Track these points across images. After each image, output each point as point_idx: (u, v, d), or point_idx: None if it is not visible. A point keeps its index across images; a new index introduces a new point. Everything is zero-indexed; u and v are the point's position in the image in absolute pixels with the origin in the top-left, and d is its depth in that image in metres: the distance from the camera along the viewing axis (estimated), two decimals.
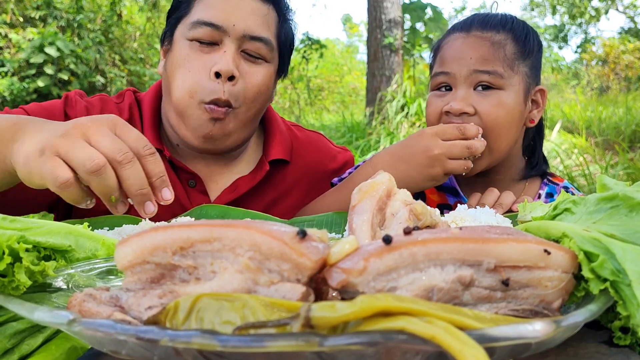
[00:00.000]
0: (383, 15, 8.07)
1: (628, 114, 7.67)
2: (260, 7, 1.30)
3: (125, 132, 0.84)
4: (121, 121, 0.85)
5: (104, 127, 0.82)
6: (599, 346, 0.54)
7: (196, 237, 0.48)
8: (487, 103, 1.28)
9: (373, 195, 0.67)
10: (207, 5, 1.27)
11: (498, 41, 1.31)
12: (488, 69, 1.28)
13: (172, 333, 0.39)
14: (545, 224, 0.63)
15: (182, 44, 1.27)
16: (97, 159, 0.78)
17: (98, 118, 0.84)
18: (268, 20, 1.31)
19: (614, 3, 18.13)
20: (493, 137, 1.29)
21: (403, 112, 7.69)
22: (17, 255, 0.54)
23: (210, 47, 1.26)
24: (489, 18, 1.36)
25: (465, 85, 1.30)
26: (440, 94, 1.35)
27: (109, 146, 0.79)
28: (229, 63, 1.23)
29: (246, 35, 1.26)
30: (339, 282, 0.46)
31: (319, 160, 1.55)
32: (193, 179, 1.39)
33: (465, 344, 0.37)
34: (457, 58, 1.31)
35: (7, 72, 9.55)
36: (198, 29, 1.25)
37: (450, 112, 1.29)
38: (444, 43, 1.39)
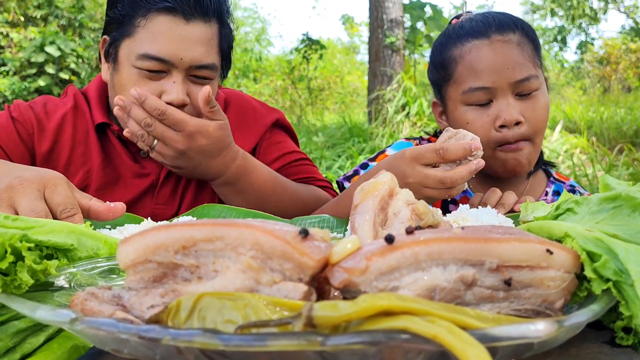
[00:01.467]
0: (385, 15, 8.07)
1: (630, 114, 7.66)
2: (205, 32, 1.31)
3: (53, 193, 0.91)
4: (55, 182, 0.92)
5: (30, 189, 0.89)
6: (601, 346, 0.54)
7: (198, 236, 0.48)
8: (530, 108, 1.30)
9: (375, 194, 0.67)
10: (153, 35, 1.27)
11: (519, 41, 1.31)
12: (526, 75, 1.29)
13: (174, 332, 0.39)
14: (547, 223, 0.63)
15: (129, 69, 1.29)
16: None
17: (31, 179, 0.91)
18: (212, 42, 1.33)
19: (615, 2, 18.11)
20: (540, 136, 1.33)
21: (404, 112, 7.69)
22: (20, 254, 0.54)
23: (159, 75, 1.29)
24: (500, 20, 1.35)
25: (508, 95, 1.30)
26: (482, 107, 1.33)
27: (23, 208, 0.87)
28: (180, 94, 1.27)
29: (193, 66, 1.30)
30: (341, 282, 0.46)
31: (248, 107, 1.62)
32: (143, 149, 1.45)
33: (467, 344, 0.37)
34: (494, 70, 1.29)
35: (9, 72, 9.56)
36: (145, 62, 1.27)
37: (505, 125, 1.29)
38: (463, 53, 1.35)
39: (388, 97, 7.92)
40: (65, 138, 1.39)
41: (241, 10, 20.92)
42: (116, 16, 1.33)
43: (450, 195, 1.08)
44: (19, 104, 1.42)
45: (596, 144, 6.61)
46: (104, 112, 1.43)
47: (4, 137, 1.34)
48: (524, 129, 1.29)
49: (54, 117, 1.41)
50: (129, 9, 1.30)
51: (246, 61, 15.01)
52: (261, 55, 16.19)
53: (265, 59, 16.83)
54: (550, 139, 6.78)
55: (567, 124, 7.91)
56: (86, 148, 1.41)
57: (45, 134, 1.38)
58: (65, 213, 0.90)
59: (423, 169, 1.07)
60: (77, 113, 1.44)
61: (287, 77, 13.57)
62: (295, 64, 12.86)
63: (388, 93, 7.94)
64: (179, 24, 1.27)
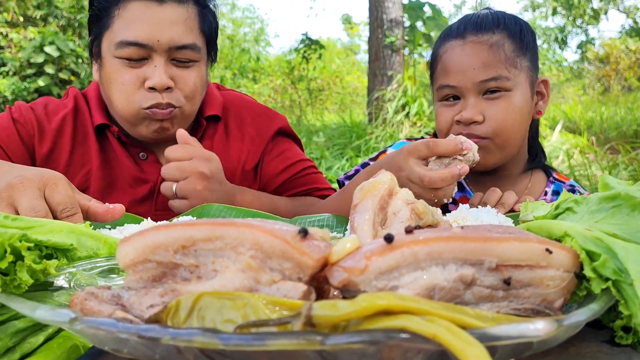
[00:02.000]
0: (384, 15, 8.06)
1: (630, 114, 7.66)
2: (180, 12, 1.31)
3: (53, 193, 0.90)
4: (54, 181, 0.92)
5: (30, 188, 0.89)
6: (600, 345, 0.54)
7: (198, 235, 0.48)
8: (495, 109, 1.31)
9: (375, 194, 0.67)
10: (127, 22, 1.28)
11: (496, 42, 1.32)
12: (493, 75, 1.30)
13: (173, 331, 0.39)
14: (547, 223, 0.63)
15: (111, 61, 1.31)
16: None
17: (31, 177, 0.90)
18: (189, 22, 1.33)
19: (615, 2, 18.11)
20: (503, 138, 1.33)
21: (404, 112, 7.69)
22: (19, 253, 0.54)
23: (140, 62, 1.30)
24: (481, 20, 1.36)
25: (473, 94, 1.33)
26: (449, 103, 1.38)
27: (23, 207, 0.86)
28: (162, 77, 1.28)
29: (172, 47, 1.29)
30: (340, 281, 0.46)
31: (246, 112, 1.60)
32: (144, 152, 1.45)
33: (467, 343, 0.37)
34: (460, 70, 1.33)
35: (9, 72, 9.56)
36: (124, 49, 1.27)
37: (461, 121, 1.33)
38: (442, 52, 1.40)
39: (388, 97, 7.92)
40: (65, 140, 1.40)
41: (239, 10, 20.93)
42: (94, 12, 1.35)
43: (436, 196, 1.07)
44: (19, 105, 1.42)
45: (596, 144, 6.61)
46: (103, 113, 1.43)
47: (5, 138, 1.35)
48: (481, 129, 1.32)
49: (54, 118, 1.41)
50: (104, 2, 1.31)
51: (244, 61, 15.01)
52: (259, 55, 16.19)
53: (265, 58, 16.83)
54: (550, 139, 6.78)
55: (567, 124, 7.91)
56: (85, 149, 1.41)
57: (45, 135, 1.39)
58: (65, 212, 0.90)
59: (413, 164, 1.07)
60: (77, 114, 1.44)
61: (287, 77, 13.58)
62: (295, 64, 12.85)
63: (388, 93, 7.94)
64: (152, 7, 1.28)
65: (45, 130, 1.39)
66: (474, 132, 1.32)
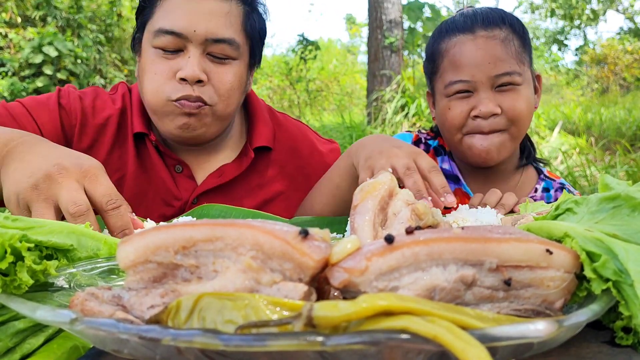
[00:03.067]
0: (384, 16, 8.07)
1: (629, 115, 7.67)
2: (221, 5, 1.28)
3: (94, 184, 0.87)
4: (94, 172, 0.89)
5: (70, 180, 0.85)
6: (601, 346, 0.54)
7: (198, 236, 0.48)
8: (510, 101, 1.34)
9: (375, 195, 0.67)
10: (167, 11, 1.27)
11: (505, 37, 1.34)
12: (506, 70, 1.32)
13: (174, 332, 0.39)
14: (547, 223, 0.63)
15: (148, 50, 1.29)
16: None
17: (70, 168, 0.87)
18: (231, 18, 1.29)
19: (613, 4, 18.13)
20: (518, 129, 1.37)
21: (403, 112, 7.69)
22: (19, 254, 0.54)
23: (175, 54, 1.27)
24: (487, 15, 1.38)
25: (487, 88, 1.34)
26: (462, 96, 1.38)
27: (64, 201, 0.84)
28: (194, 68, 1.24)
29: (209, 39, 1.26)
30: (341, 282, 0.46)
31: (303, 147, 1.55)
32: (179, 165, 1.42)
33: (467, 344, 0.37)
34: (474, 64, 1.33)
35: (8, 72, 9.55)
36: (161, 38, 1.25)
37: (480, 115, 1.34)
38: (449, 47, 1.39)
39: (387, 97, 7.92)
40: (106, 139, 1.37)
41: None
42: (140, 4, 1.34)
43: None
44: (69, 92, 1.39)
45: (595, 145, 6.62)
46: (143, 119, 1.40)
47: (46, 121, 1.31)
48: (500, 120, 1.34)
49: (100, 115, 1.39)
50: None
51: None
52: None
53: (264, 58, 16.79)
54: (549, 140, 6.79)
55: (567, 125, 7.92)
56: (123, 153, 1.39)
57: (87, 130, 1.36)
58: (111, 204, 0.86)
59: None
60: (122, 117, 1.41)
61: (286, 77, 13.58)
62: (293, 65, 12.86)
63: (387, 93, 7.95)
64: (191, 1, 1.26)
65: (87, 125, 1.36)
66: (494, 127, 1.35)
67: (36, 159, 0.90)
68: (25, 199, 0.85)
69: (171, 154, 1.40)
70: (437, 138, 1.61)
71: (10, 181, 0.89)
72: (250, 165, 1.45)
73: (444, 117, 1.42)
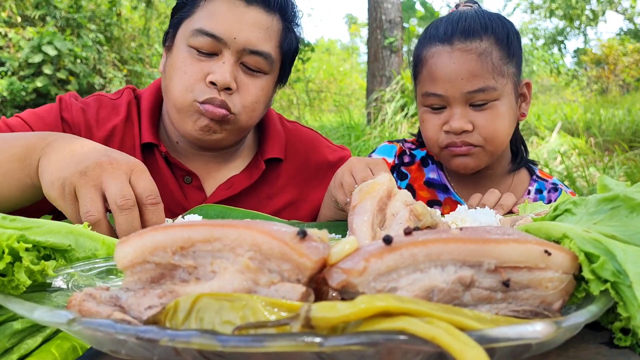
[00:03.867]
0: (383, 16, 8.08)
1: (628, 115, 7.68)
2: (264, 19, 1.27)
3: (138, 179, 0.90)
4: (140, 168, 0.91)
5: (120, 171, 0.88)
6: (599, 347, 0.54)
7: (197, 236, 0.48)
8: (484, 118, 1.32)
9: (373, 195, 0.67)
10: (210, 13, 1.25)
11: (483, 51, 1.31)
12: (480, 86, 1.30)
13: (171, 333, 0.39)
14: (545, 224, 0.63)
15: (182, 48, 1.27)
16: (96, 212, 0.86)
17: (119, 160, 0.89)
18: (270, 33, 1.29)
19: (613, 5, 18.15)
20: (495, 144, 1.35)
21: (402, 113, 7.70)
22: (17, 254, 0.54)
23: (209, 57, 1.26)
24: (469, 24, 1.34)
25: (460, 103, 1.32)
26: (434, 111, 1.37)
27: (113, 192, 0.86)
28: (226, 74, 1.22)
29: (246, 49, 1.25)
30: (339, 283, 0.46)
31: (313, 157, 1.55)
32: (188, 175, 1.40)
33: (465, 345, 0.37)
34: (448, 79, 1.32)
35: (7, 72, 9.55)
36: (199, 38, 1.24)
37: (450, 131, 1.33)
38: (428, 56, 1.37)
39: (387, 97, 7.93)
40: None
41: None
42: (180, 1, 1.33)
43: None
44: (71, 103, 1.37)
45: (594, 146, 6.62)
46: (153, 129, 1.38)
47: None
48: (473, 137, 1.33)
49: (104, 127, 1.36)
50: None
51: None
52: None
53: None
54: (548, 140, 6.79)
55: (566, 125, 7.92)
56: None
57: None
58: (150, 199, 0.88)
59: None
60: (127, 126, 1.39)
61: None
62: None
63: (387, 94, 7.95)
64: (239, 7, 1.25)
65: (93, 137, 1.33)
66: (466, 140, 1.33)
67: (82, 150, 0.92)
68: (73, 184, 0.86)
69: (181, 164, 1.39)
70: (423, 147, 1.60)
71: (55, 168, 0.90)
72: (260, 177, 1.45)
73: (421, 129, 1.44)
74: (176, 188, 1.37)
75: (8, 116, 3.10)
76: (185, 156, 1.41)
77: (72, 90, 9.09)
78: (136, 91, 1.48)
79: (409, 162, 1.56)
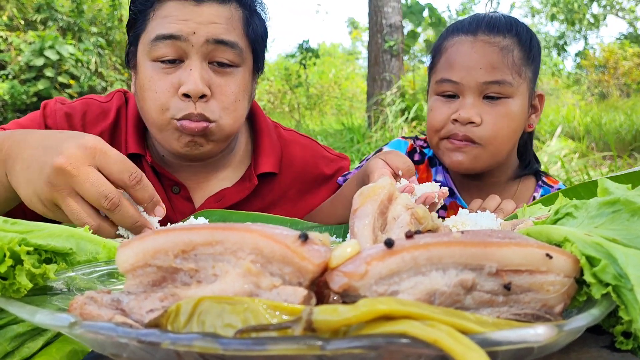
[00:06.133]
0: (384, 20, 8.09)
1: (628, 119, 7.68)
2: (221, 11, 1.19)
3: (107, 162, 0.84)
4: (100, 147, 0.84)
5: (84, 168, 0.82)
6: (600, 351, 0.54)
7: (198, 240, 0.48)
8: (494, 113, 1.29)
9: (374, 199, 0.67)
10: (163, 19, 1.18)
11: (506, 46, 1.30)
12: (497, 78, 1.28)
13: (173, 336, 0.39)
14: (546, 228, 0.63)
15: (146, 65, 1.20)
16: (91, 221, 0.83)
17: (74, 154, 0.82)
18: (232, 22, 1.21)
19: (613, 9, 18.17)
20: (496, 144, 1.32)
21: (403, 117, 7.70)
22: (18, 257, 0.54)
23: (175, 65, 1.18)
24: (494, 21, 1.35)
25: (474, 94, 1.30)
26: (445, 99, 1.35)
27: (93, 196, 0.81)
28: (197, 82, 1.15)
29: (210, 40, 1.17)
30: (340, 286, 0.46)
31: (309, 171, 1.49)
32: (177, 186, 1.35)
33: (467, 348, 0.37)
34: (465, 67, 1.30)
35: (8, 75, 9.57)
36: (158, 45, 1.17)
37: (458, 120, 1.30)
38: (448, 45, 1.37)
39: (387, 101, 7.93)
40: None
41: None
42: (131, 17, 1.26)
43: None
44: (55, 110, 1.31)
45: (595, 150, 6.62)
46: (139, 138, 1.33)
47: None
48: (477, 132, 1.30)
49: (91, 132, 1.29)
50: (140, 5, 1.22)
51: None
52: None
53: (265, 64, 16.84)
54: (549, 144, 6.79)
55: (566, 129, 7.92)
56: None
57: None
58: (132, 179, 0.84)
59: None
60: (115, 131, 1.34)
61: (286, 82, 13.61)
62: (292, 72, 12.89)
63: (387, 97, 7.96)
64: (188, 7, 1.17)
65: None
66: (470, 134, 1.31)
67: (36, 152, 0.86)
68: (48, 198, 0.83)
69: (169, 174, 1.34)
70: None
71: (23, 184, 0.86)
72: (253, 193, 1.39)
73: (428, 117, 1.41)
74: (164, 199, 1.32)
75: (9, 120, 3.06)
76: (172, 167, 1.36)
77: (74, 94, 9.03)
78: (127, 94, 1.43)
79: (419, 161, 1.55)
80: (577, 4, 17.96)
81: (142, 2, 1.22)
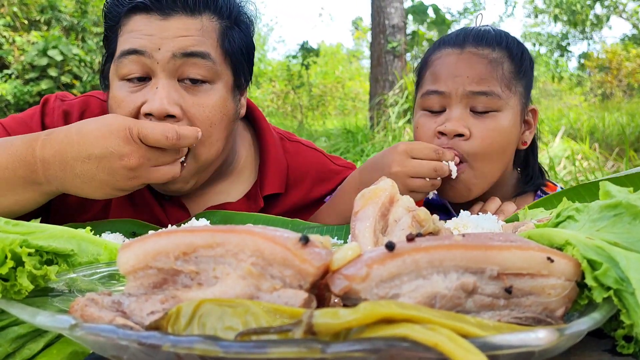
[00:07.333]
0: (387, 21, 8.08)
1: (632, 120, 7.66)
2: (190, 23, 1.10)
3: (145, 129, 0.94)
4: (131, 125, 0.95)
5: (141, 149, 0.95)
6: (602, 355, 0.54)
7: (199, 242, 0.48)
8: (483, 126, 1.20)
9: (376, 201, 0.67)
10: (129, 34, 1.09)
11: (495, 59, 1.24)
12: (485, 89, 1.20)
13: (174, 338, 0.39)
14: (548, 231, 0.63)
15: (115, 84, 1.12)
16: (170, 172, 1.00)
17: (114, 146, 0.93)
18: (204, 33, 1.11)
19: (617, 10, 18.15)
20: (486, 161, 1.23)
21: (406, 117, 7.70)
22: (20, 259, 0.54)
23: (142, 84, 1.09)
24: (483, 34, 1.28)
25: (460, 106, 1.22)
26: (431, 114, 1.26)
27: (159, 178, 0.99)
28: (162, 100, 1.05)
29: (177, 55, 1.07)
30: (341, 289, 0.46)
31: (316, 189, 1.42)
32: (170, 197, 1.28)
33: (468, 352, 0.37)
34: (452, 76, 1.22)
35: (11, 75, 9.59)
36: (123, 62, 1.08)
37: (444, 132, 1.21)
38: (434, 58, 1.30)
39: (390, 102, 7.93)
40: None
41: None
42: (105, 35, 1.20)
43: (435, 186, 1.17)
44: (53, 107, 1.25)
45: (599, 150, 6.61)
46: None
47: None
48: (464, 146, 1.20)
49: None
50: (109, 21, 1.15)
51: None
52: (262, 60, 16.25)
53: (268, 63, 16.90)
54: (552, 145, 6.78)
55: (569, 130, 7.91)
56: None
57: None
58: (172, 137, 0.96)
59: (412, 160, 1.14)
60: None
61: (289, 82, 13.62)
62: (294, 72, 12.91)
63: (390, 98, 7.95)
64: (154, 21, 1.08)
65: None
66: (458, 148, 1.21)
67: (89, 166, 0.95)
68: (134, 185, 0.98)
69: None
70: None
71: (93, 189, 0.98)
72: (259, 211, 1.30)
73: (415, 135, 1.32)
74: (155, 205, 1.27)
75: None
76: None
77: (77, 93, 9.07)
78: None
79: None
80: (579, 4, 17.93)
81: (110, 18, 1.15)
